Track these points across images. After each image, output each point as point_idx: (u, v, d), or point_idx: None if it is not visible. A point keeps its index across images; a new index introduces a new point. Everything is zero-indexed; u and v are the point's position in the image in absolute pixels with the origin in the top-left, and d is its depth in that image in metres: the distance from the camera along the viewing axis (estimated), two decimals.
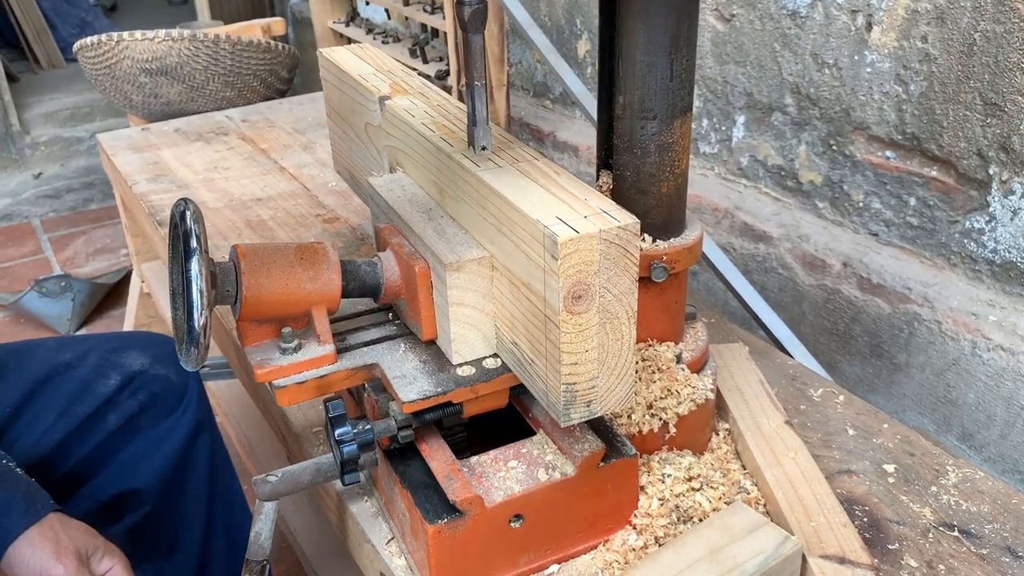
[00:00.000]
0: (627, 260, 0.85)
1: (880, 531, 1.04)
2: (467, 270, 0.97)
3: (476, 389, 1.00)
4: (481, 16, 0.87)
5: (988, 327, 1.70)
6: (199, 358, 0.97)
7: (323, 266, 1.04)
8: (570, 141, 2.84)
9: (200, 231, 0.96)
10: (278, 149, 2.25)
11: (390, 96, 1.21)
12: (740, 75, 2.19)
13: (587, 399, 0.90)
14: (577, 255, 0.82)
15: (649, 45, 0.94)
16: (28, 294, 3.08)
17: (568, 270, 0.82)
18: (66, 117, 4.65)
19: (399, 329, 1.11)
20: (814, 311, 2.07)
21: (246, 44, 2.74)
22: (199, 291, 0.94)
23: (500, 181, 0.93)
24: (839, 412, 1.25)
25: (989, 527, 1.05)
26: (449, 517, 0.95)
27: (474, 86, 0.92)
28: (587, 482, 0.99)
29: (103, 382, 1.40)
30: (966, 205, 1.75)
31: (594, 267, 0.84)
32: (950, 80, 1.70)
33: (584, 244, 0.82)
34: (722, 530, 0.96)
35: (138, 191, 2.03)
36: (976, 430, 1.76)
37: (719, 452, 1.15)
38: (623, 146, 1.02)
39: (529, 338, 0.92)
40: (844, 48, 1.90)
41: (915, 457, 1.16)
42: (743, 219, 2.22)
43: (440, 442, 1.04)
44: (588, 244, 0.82)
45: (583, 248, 0.82)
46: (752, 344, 1.43)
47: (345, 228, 1.81)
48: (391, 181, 1.17)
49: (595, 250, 0.83)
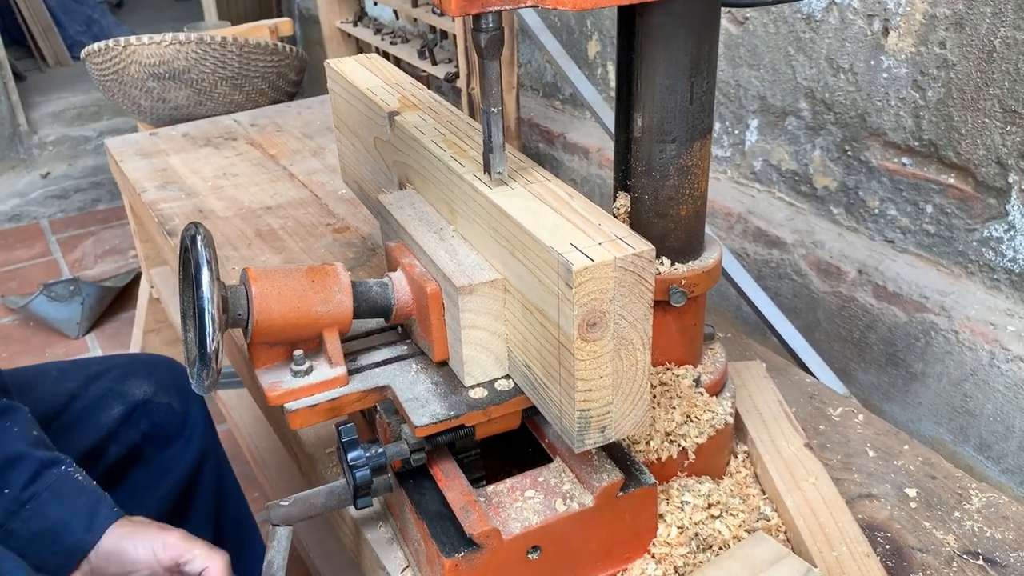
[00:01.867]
0: (642, 287, 0.83)
1: (903, 559, 1.02)
2: (480, 293, 0.95)
3: (488, 412, 0.99)
4: (498, 43, 0.85)
5: (1007, 337, 1.68)
6: (212, 383, 0.96)
7: (334, 289, 1.02)
8: (580, 143, 2.82)
9: (211, 256, 0.95)
10: (287, 155, 2.23)
11: (399, 112, 1.19)
12: (754, 79, 2.16)
13: (601, 424, 0.88)
14: (592, 283, 0.80)
15: (669, 68, 0.92)
16: (37, 298, 3.07)
17: (583, 298, 0.80)
18: (73, 116, 4.63)
19: (410, 349, 1.10)
20: (829, 319, 2.04)
21: (253, 46, 2.71)
22: (211, 316, 0.93)
23: (513, 204, 0.91)
24: (859, 432, 1.23)
25: (1014, 555, 1.02)
26: (466, 550, 0.94)
27: (490, 112, 0.90)
28: (605, 512, 0.97)
29: (106, 413, 1.38)
30: (984, 213, 1.72)
31: (609, 295, 0.82)
32: (968, 87, 1.67)
33: (599, 272, 0.80)
34: (743, 562, 0.94)
35: (147, 199, 2.01)
36: (994, 441, 1.74)
37: (738, 476, 1.13)
38: (641, 168, 0.99)
39: (542, 363, 0.90)
40: (860, 53, 1.87)
41: (937, 480, 1.14)
42: (756, 224, 2.19)
43: (455, 469, 1.03)
44: (603, 272, 0.81)
45: (598, 276, 0.80)
46: (768, 359, 1.41)
47: (355, 238, 1.79)
48: (401, 199, 1.15)
49: (610, 278, 0.81)
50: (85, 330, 3.11)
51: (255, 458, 2.06)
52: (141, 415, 1.42)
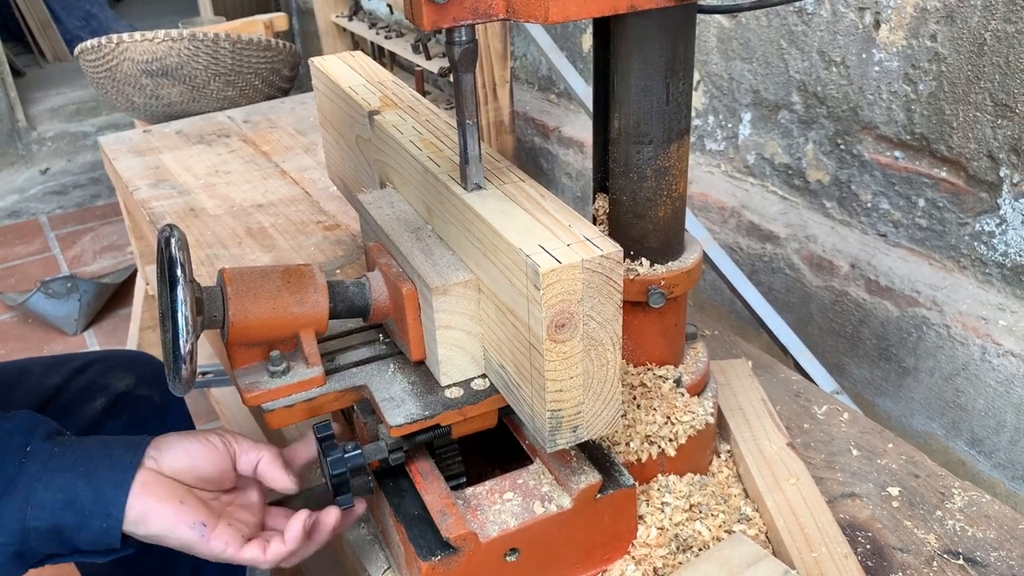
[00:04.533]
0: (610, 288, 0.83)
1: (883, 559, 1.01)
2: (453, 293, 0.94)
3: (464, 412, 0.99)
4: (471, 55, 0.85)
5: (998, 332, 1.67)
6: (187, 383, 0.95)
7: (310, 289, 1.02)
8: (575, 136, 2.81)
9: (185, 259, 0.95)
10: (280, 151, 2.23)
11: (379, 111, 1.18)
12: (746, 72, 2.15)
13: (573, 424, 0.88)
14: (560, 285, 0.80)
15: (645, 69, 0.91)
16: (35, 295, 3.08)
17: (551, 299, 0.80)
18: (72, 112, 4.63)
19: (388, 348, 1.10)
20: (821, 313, 2.03)
21: (246, 43, 2.71)
22: (184, 318, 0.93)
23: (485, 206, 0.90)
24: (843, 431, 1.22)
25: (995, 554, 1.02)
26: (443, 554, 0.93)
27: (466, 124, 0.89)
28: (584, 514, 0.97)
29: (89, 405, 1.39)
30: (976, 207, 1.71)
31: (577, 296, 0.81)
32: (960, 80, 1.66)
33: (566, 274, 0.80)
34: (720, 563, 0.94)
35: (139, 197, 2.01)
36: (985, 436, 1.73)
37: (720, 476, 1.12)
38: (619, 170, 0.99)
39: (515, 363, 0.90)
40: (852, 46, 1.86)
41: (920, 479, 1.13)
42: (750, 218, 2.18)
43: (433, 471, 1.02)
44: (570, 274, 0.80)
45: (565, 278, 0.80)
46: (755, 356, 1.40)
47: (346, 236, 1.78)
48: (380, 198, 1.14)
49: (578, 279, 0.81)
50: (83, 327, 3.11)
51: None
52: (124, 407, 1.43)
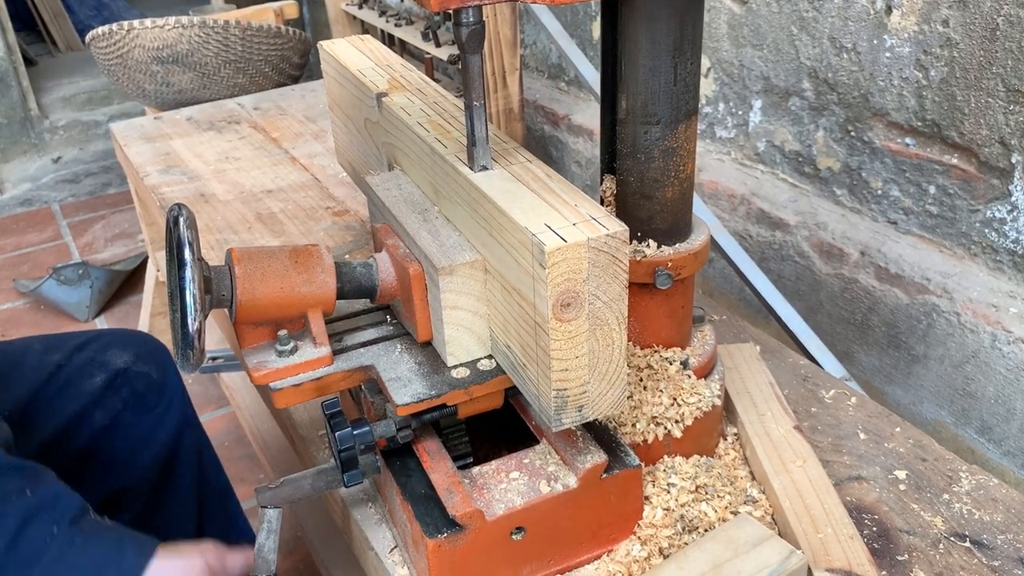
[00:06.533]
0: (616, 267, 0.83)
1: (889, 541, 1.01)
2: (460, 273, 0.95)
3: (470, 391, 0.99)
4: (479, 37, 0.85)
5: (1009, 319, 1.66)
6: (196, 361, 0.96)
7: (317, 269, 1.02)
8: (585, 125, 2.80)
9: (193, 238, 0.95)
10: (289, 138, 2.23)
11: (387, 93, 1.19)
12: (757, 58, 2.14)
13: (578, 404, 0.88)
14: (565, 264, 0.80)
15: (652, 49, 0.91)
16: (47, 282, 3.09)
17: (556, 278, 0.80)
18: (84, 100, 4.65)
19: (396, 329, 1.10)
20: (831, 300, 2.03)
21: (256, 30, 2.71)
22: (192, 297, 0.93)
23: (492, 186, 0.91)
24: (851, 415, 1.22)
25: (1002, 537, 1.01)
26: (449, 531, 0.94)
27: (473, 106, 0.89)
28: (590, 494, 0.97)
29: (89, 381, 1.41)
30: (987, 194, 1.70)
31: (583, 275, 0.81)
32: (972, 66, 1.65)
33: (572, 253, 0.80)
34: (726, 543, 0.94)
35: (150, 183, 2.02)
36: (995, 423, 1.72)
37: (727, 459, 1.12)
38: (626, 151, 0.98)
39: (521, 343, 0.90)
40: (863, 32, 1.85)
41: (927, 463, 1.13)
42: (760, 206, 2.17)
43: (440, 450, 1.03)
44: (576, 253, 0.80)
45: (571, 257, 0.80)
46: (763, 342, 1.40)
47: (355, 221, 1.79)
48: (388, 179, 1.15)
49: (583, 258, 0.81)
50: (94, 313, 3.13)
51: (258, 441, 2.08)
52: (122, 383, 1.44)
